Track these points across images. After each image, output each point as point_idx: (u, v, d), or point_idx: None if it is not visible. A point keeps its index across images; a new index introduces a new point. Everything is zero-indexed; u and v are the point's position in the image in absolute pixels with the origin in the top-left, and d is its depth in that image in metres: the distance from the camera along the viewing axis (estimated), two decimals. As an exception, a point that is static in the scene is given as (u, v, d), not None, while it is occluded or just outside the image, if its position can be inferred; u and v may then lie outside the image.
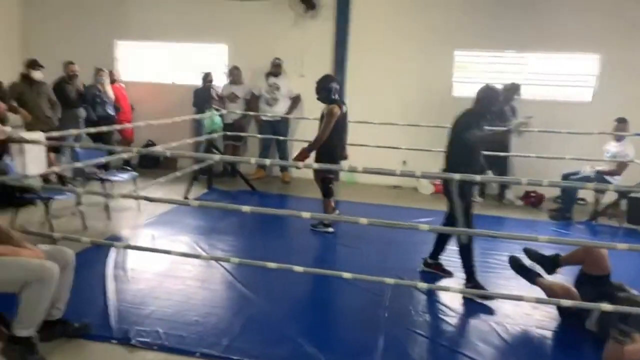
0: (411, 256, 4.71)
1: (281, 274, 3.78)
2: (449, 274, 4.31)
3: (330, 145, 5.10)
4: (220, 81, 8.09)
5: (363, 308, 3.68)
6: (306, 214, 3.03)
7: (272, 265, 3.18)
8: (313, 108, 7.86)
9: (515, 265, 3.86)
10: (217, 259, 3.98)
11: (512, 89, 6.88)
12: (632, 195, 6.10)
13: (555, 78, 7.60)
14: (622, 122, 6.27)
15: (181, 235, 5.05)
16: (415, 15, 7.71)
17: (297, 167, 5.67)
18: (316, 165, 3.17)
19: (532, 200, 7.12)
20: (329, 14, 7.89)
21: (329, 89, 5.14)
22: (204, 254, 4.42)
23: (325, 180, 5.30)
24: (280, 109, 7.70)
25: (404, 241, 5.06)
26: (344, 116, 5.21)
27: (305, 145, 5.22)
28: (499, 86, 6.70)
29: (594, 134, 6.24)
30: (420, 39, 7.72)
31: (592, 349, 3.16)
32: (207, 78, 7.75)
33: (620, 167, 6.21)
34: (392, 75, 7.84)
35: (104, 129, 5.23)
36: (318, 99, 5.27)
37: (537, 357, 3.18)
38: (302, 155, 5.11)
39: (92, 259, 4.16)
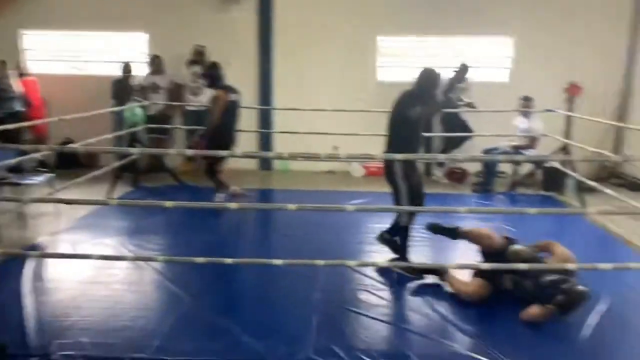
0: (344, 237, 4.79)
1: (213, 268, 3.72)
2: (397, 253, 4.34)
3: (219, 131, 5.23)
4: (141, 71, 7.73)
5: (297, 292, 3.68)
6: (234, 205, 2.96)
7: (200, 260, 3.09)
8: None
9: (434, 228, 4.00)
10: (142, 259, 3.82)
11: (462, 70, 7.03)
12: (546, 165, 6.51)
13: (475, 61, 7.88)
14: (526, 100, 6.65)
15: (105, 238, 4.77)
16: (339, 2, 7.71)
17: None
18: (254, 154, 3.08)
19: (457, 176, 7.41)
20: (253, 0, 7.73)
21: (214, 76, 5.40)
22: (129, 255, 4.23)
23: (213, 165, 5.48)
24: (206, 98, 7.44)
25: (337, 224, 5.08)
26: (233, 103, 5.35)
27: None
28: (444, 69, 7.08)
29: (508, 111, 6.61)
30: (344, 26, 7.75)
31: (513, 307, 3.35)
32: (126, 68, 7.37)
33: (533, 141, 6.58)
34: (319, 61, 7.83)
35: (12, 126, 4.83)
36: (205, 85, 5.71)
37: (466, 321, 3.30)
38: (199, 145, 5.29)
39: (5, 272, 3.85)
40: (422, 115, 3.88)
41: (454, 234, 3.92)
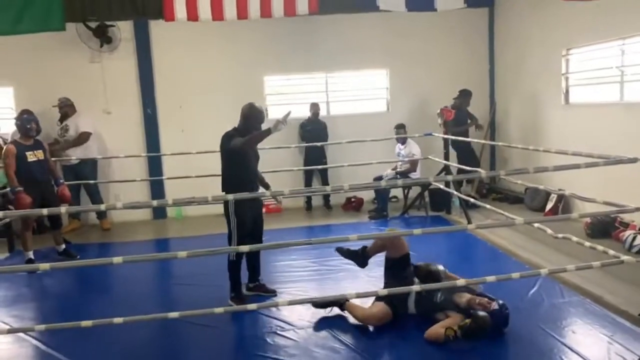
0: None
1: (105, 330, 3.43)
2: (273, 292, 4.33)
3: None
4: (8, 128, 7.13)
5: (201, 345, 3.51)
6: (117, 259, 2.77)
7: (86, 323, 2.84)
8: (123, 145, 7.47)
9: (344, 252, 4.08)
10: (16, 331, 3.43)
11: (465, 94, 7.41)
12: (431, 187, 6.95)
13: (356, 93, 8.33)
14: (400, 128, 7.15)
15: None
16: (220, 45, 7.74)
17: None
18: (118, 205, 2.89)
19: (354, 205, 7.64)
20: (129, 46, 7.53)
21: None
22: (3, 328, 3.77)
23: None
24: (76, 151, 6.91)
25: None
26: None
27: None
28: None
29: (390, 138, 7.07)
30: (228, 68, 7.78)
31: (416, 330, 3.47)
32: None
33: (413, 164, 7.03)
34: (206, 104, 7.75)
35: None
36: None
37: (374, 348, 3.35)
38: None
39: None
40: (242, 143, 3.92)
41: (362, 257, 4.01)
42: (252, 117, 4.07)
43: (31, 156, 5.32)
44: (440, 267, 3.78)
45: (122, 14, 7.40)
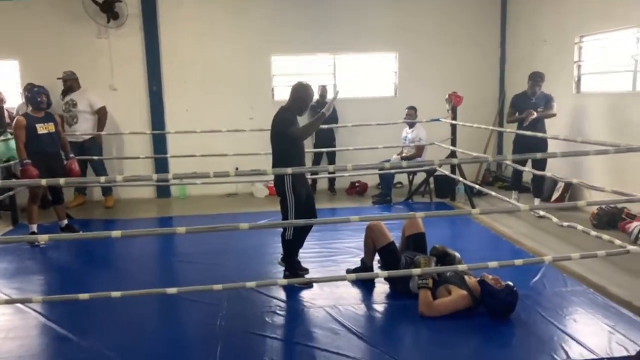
0: (249, 261, 4.68)
1: (103, 303, 3.44)
2: (305, 270, 4.29)
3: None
4: (13, 102, 7.10)
5: (199, 322, 3.50)
6: (116, 233, 2.76)
7: (84, 296, 2.83)
8: (128, 122, 7.44)
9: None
10: (14, 301, 3.43)
11: (531, 77, 6.26)
12: (437, 174, 6.88)
13: (363, 76, 8.21)
14: (411, 109, 7.06)
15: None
16: (227, 23, 7.68)
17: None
18: (118, 178, 2.87)
19: (358, 190, 7.59)
20: (136, 22, 7.46)
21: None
22: (3, 297, 3.78)
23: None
24: (82, 127, 6.90)
25: (241, 247, 4.98)
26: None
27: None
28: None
29: (397, 123, 6.96)
30: (236, 46, 7.72)
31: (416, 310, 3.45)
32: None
33: (419, 150, 6.96)
34: (212, 82, 7.71)
35: None
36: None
37: (371, 329, 3.34)
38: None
39: None
40: (303, 130, 4.00)
41: (365, 266, 4.06)
42: (302, 96, 4.10)
43: (42, 128, 5.26)
44: (457, 255, 3.82)
45: (129, -12, 7.34)
